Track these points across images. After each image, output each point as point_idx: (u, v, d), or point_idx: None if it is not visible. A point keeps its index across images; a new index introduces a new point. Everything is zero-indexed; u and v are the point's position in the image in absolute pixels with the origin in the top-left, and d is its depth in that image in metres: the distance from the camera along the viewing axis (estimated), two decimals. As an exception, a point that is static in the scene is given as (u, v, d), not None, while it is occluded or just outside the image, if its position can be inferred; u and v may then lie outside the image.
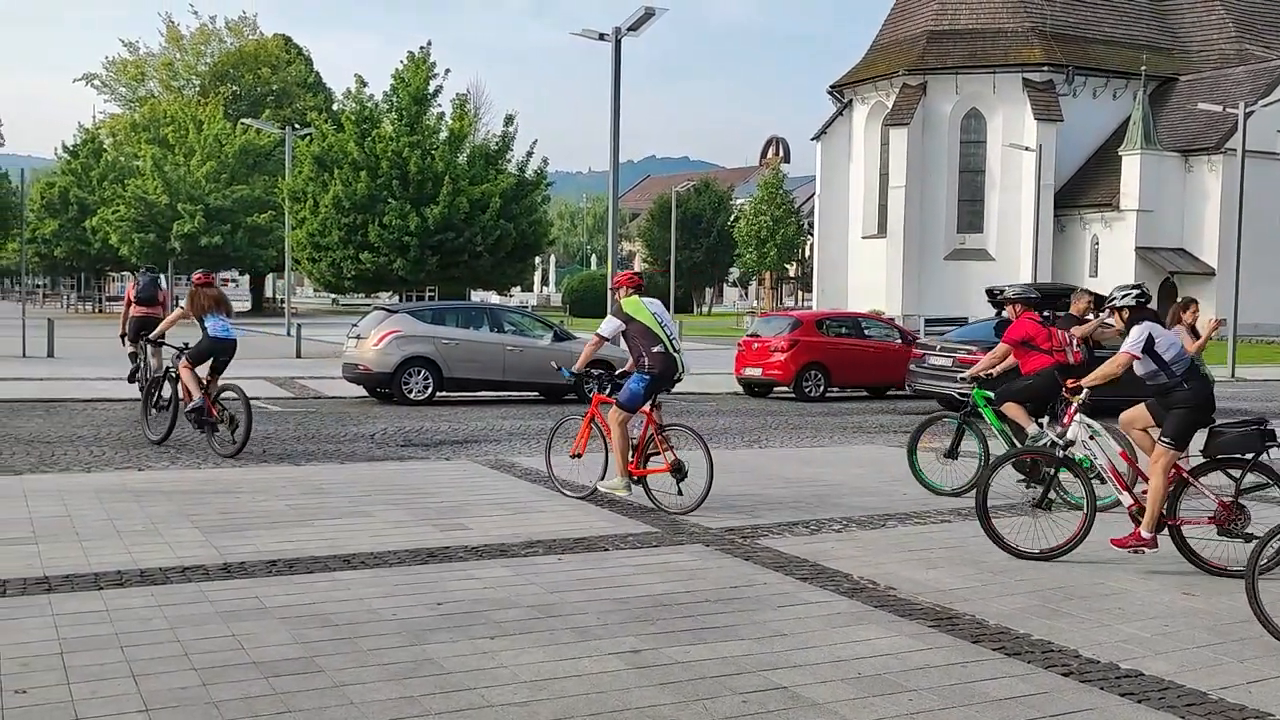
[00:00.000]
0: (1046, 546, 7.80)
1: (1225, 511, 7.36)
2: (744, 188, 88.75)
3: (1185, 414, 7.49)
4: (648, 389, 9.55)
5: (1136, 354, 7.48)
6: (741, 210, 77.72)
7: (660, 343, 9.56)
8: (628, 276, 10.04)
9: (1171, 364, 7.49)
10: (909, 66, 55.42)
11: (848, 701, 4.92)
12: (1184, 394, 7.48)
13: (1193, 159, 51.74)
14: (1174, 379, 7.49)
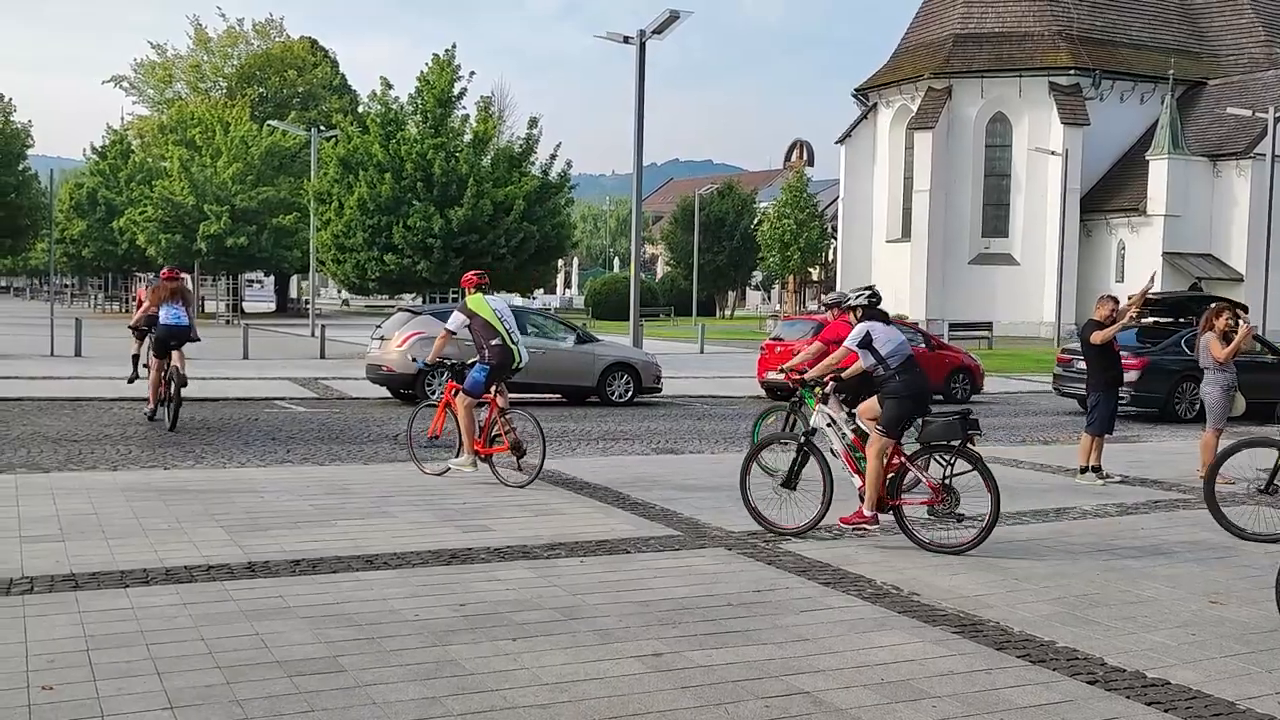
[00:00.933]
0: (795, 524, 8.48)
1: (936, 494, 8.05)
2: (767, 191, 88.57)
3: (897, 404, 8.19)
4: (488, 377, 10.65)
5: (854, 349, 8.33)
6: (765, 213, 77.56)
7: (499, 336, 10.68)
8: (472, 277, 11.30)
9: (888, 358, 8.22)
10: (934, 70, 55.20)
11: (870, 707, 4.90)
12: (896, 385, 8.20)
13: (1221, 163, 51.30)
14: (889, 372, 8.22)
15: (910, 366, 8.26)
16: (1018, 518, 9.46)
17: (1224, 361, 11.70)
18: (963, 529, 8.01)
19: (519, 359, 10.80)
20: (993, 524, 7.91)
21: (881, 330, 8.34)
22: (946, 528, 8.07)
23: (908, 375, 8.22)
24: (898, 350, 8.27)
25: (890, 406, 8.20)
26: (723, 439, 15.47)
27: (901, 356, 8.27)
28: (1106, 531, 8.97)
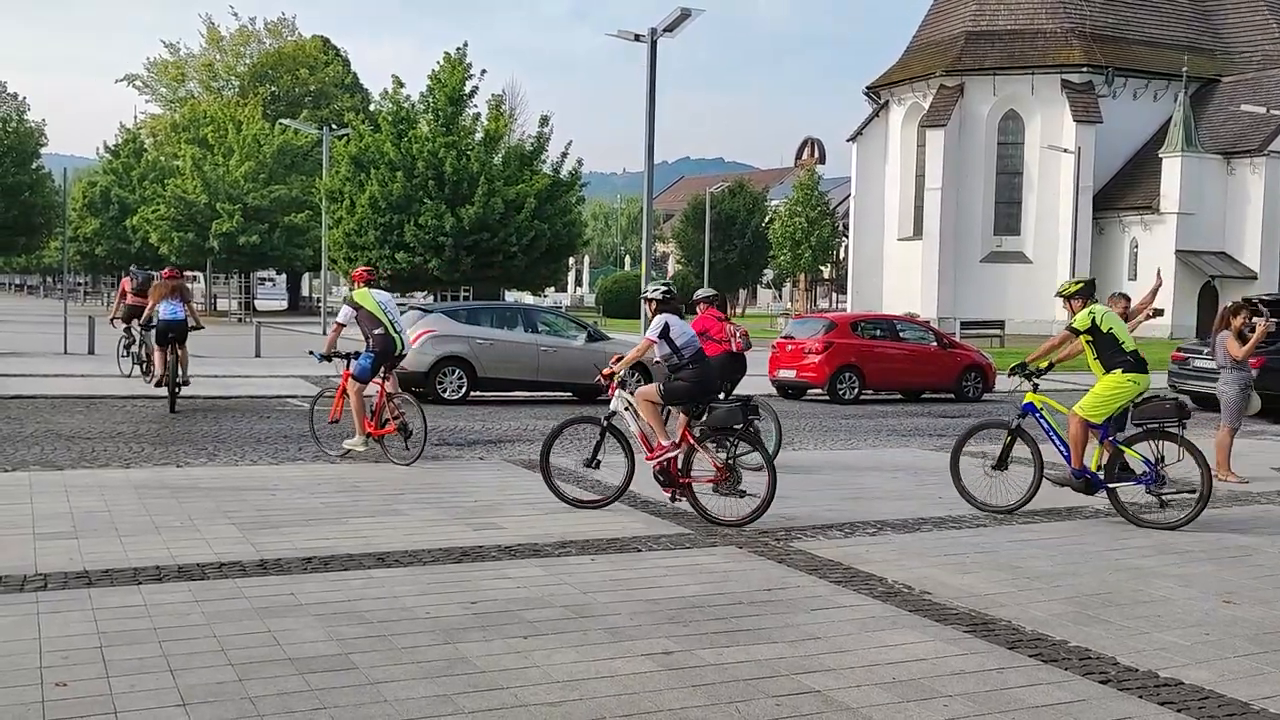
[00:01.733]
0: (594, 497, 9.60)
1: (719, 474, 8.88)
2: (779, 189, 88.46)
3: (684, 388, 9.22)
4: (374, 364, 11.65)
5: (654, 339, 9.30)
6: (776, 212, 77.47)
7: (382, 326, 11.72)
8: (361, 273, 12.62)
9: (682, 348, 9.24)
10: (946, 67, 55.06)
11: (881, 706, 4.89)
12: (688, 373, 9.21)
13: (1235, 161, 51.07)
14: (684, 361, 9.21)
15: (700, 359, 9.36)
16: (1029, 516, 9.43)
17: (1241, 359, 11.65)
18: (743, 504, 8.75)
19: (400, 347, 11.89)
20: (769, 501, 8.67)
21: (677, 323, 9.38)
22: (730, 499, 8.85)
23: (698, 366, 9.28)
24: (690, 343, 9.36)
25: (678, 388, 9.28)
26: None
27: (693, 348, 9.36)
28: (1118, 531, 8.93)
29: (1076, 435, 9.35)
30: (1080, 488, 9.38)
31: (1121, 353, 9.30)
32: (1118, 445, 9.29)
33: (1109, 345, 9.35)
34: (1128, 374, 9.24)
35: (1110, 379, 9.27)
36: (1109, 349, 9.34)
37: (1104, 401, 9.27)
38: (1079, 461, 9.35)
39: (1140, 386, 9.29)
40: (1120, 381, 9.24)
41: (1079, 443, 9.34)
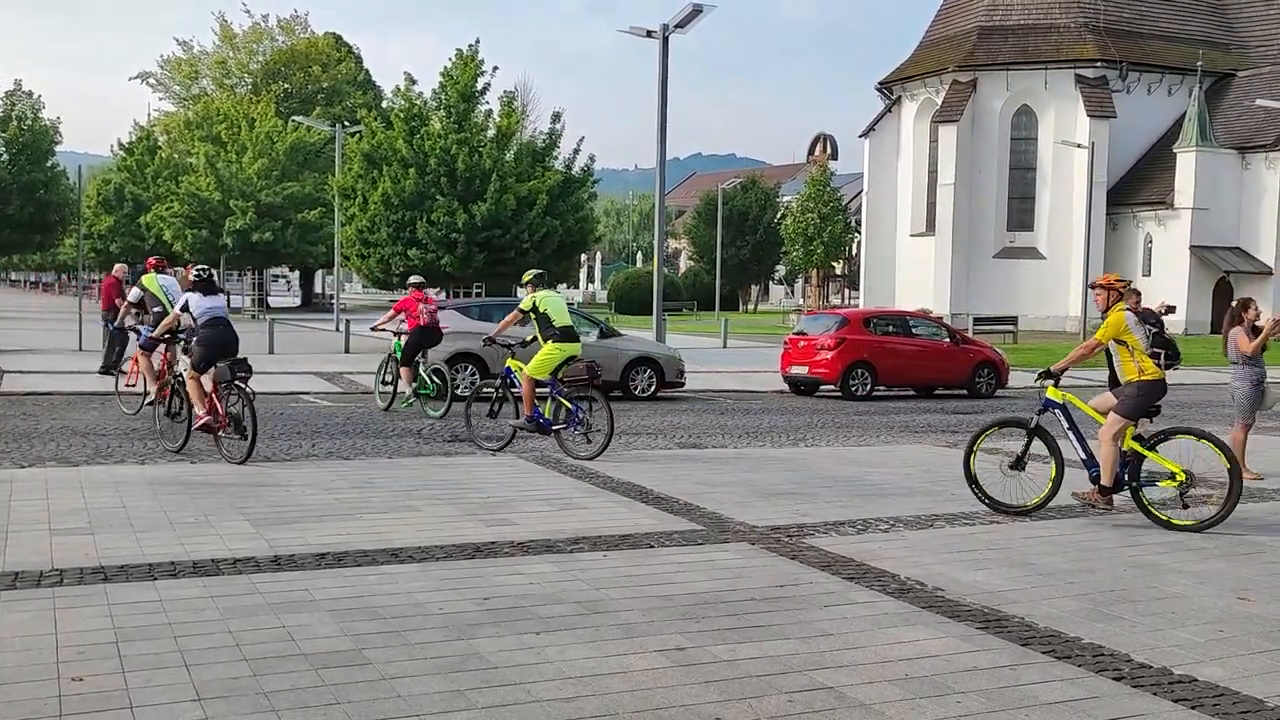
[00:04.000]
0: None
1: (215, 417, 11.57)
2: (791, 185, 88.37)
3: (202, 349, 11.62)
4: (155, 336, 13.48)
5: (177, 310, 12.34)
6: (788, 208, 77.40)
7: (161, 305, 14.36)
8: (151, 261, 15.54)
9: (198, 318, 11.71)
10: (959, 63, 54.90)
11: (895, 703, 4.89)
12: (202, 335, 11.67)
13: (1250, 156, 50.82)
14: (199, 326, 11.65)
15: (215, 324, 11.65)
16: (1042, 513, 9.41)
17: (1252, 355, 11.61)
18: None
19: (180, 325, 13.43)
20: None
21: (196, 299, 11.75)
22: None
23: (211, 330, 11.62)
24: (208, 311, 11.70)
25: (197, 351, 11.65)
26: (746, 434, 15.46)
27: (209, 316, 11.67)
28: (1132, 528, 8.91)
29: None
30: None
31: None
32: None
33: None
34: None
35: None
36: None
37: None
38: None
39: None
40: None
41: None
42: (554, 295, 13.13)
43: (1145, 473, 9.09)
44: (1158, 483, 9.02)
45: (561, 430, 12.35)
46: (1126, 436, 9.07)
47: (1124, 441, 9.05)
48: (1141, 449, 9.06)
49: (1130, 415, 9.04)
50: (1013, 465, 9.45)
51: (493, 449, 12.52)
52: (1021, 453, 9.47)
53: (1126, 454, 9.05)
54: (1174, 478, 8.85)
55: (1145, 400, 9.03)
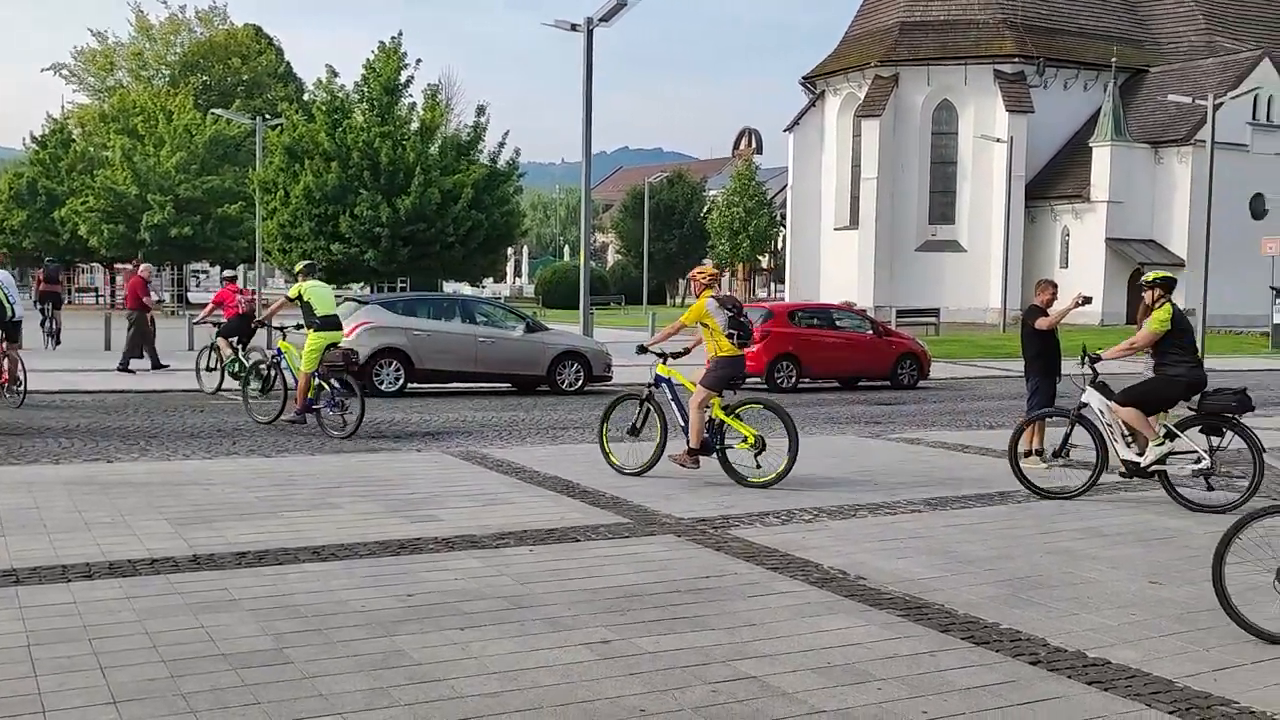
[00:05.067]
0: None
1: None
2: (717, 179, 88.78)
3: None
4: None
5: None
6: (714, 202, 77.80)
7: None
8: None
9: None
10: (881, 58, 55.56)
11: (816, 691, 4.94)
12: None
13: (1163, 150, 52.12)
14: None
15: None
16: (963, 501, 9.58)
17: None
18: None
19: (10, 314, 14.93)
20: None
21: None
22: None
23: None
24: None
25: None
26: (672, 426, 15.48)
27: None
28: (1049, 514, 9.10)
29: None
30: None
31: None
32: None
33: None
34: None
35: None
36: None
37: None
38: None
39: None
40: None
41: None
42: (320, 285, 14.33)
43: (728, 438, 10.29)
44: (735, 445, 10.21)
45: (321, 410, 13.48)
46: (715, 406, 10.21)
47: (712, 411, 10.21)
48: (725, 416, 10.20)
49: (713, 387, 10.24)
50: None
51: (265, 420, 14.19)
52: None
53: (714, 421, 10.22)
54: (746, 440, 10.08)
55: (725, 373, 10.29)
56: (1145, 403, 9.70)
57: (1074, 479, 10.04)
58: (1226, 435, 9.28)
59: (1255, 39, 57.33)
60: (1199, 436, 9.38)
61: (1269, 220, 50.56)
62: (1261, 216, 51.59)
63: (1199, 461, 9.34)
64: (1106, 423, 9.75)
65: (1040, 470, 10.82)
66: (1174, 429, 9.54)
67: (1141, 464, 9.51)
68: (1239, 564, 6.01)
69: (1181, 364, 9.62)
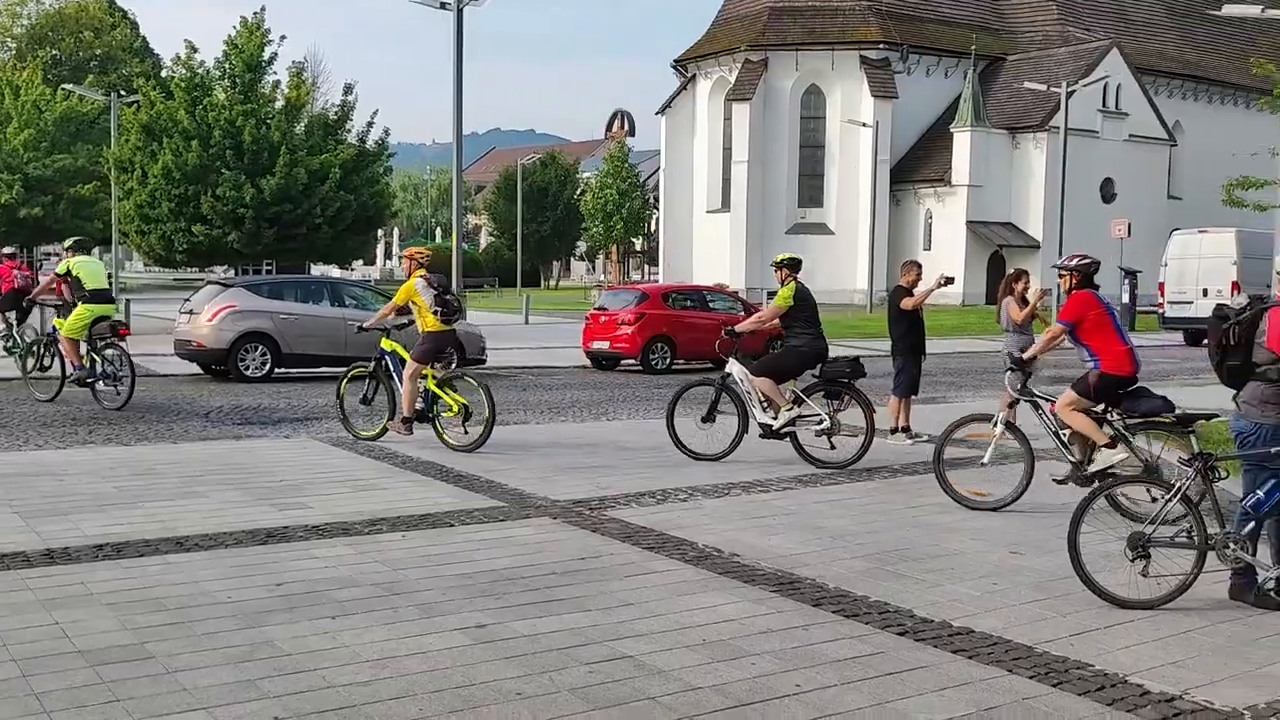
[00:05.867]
0: None
1: None
2: (590, 161, 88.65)
3: None
4: None
5: None
6: (588, 184, 77.69)
7: None
8: None
9: None
10: (750, 42, 56.14)
11: (692, 668, 4.98)
12: None
13: (1019, 136, 53.89)
14: None
15: None
16: (833, 478, 9.76)
17: (1022, 323, 12.30)
18: None
19: None
20: None
21: None
22: None
23: None
24: None
25: None
26: (548, 409, 15.46)
27: None
28: (915, 489, 9.33)
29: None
30: None
31: None
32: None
33: None
34: None
35: None
36: None
37: None
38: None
39: None
40: None
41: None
42: (90, 260, 14.55)
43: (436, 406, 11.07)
44: (444, 413, 11.05)
45: (93, 382, 13.87)
46: (429, 378, 11.01)
47: (425, 383, 11.05)
48: (435, 388, 11.02)
49: (423, 360, 11.02)
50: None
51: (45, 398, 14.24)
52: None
53: (427, 392, 11.04)
54: (452, 409, 10.91)
55: (433, 347, 11.08)
56: (775, 372, 10.64)
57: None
58: (844, 398, 10.40)
59: (1105, 29, 59.66)
60: (822, 400, 10.41)
61: (1117, 204, 52.77)
62: (1111, 200, 53.81)
63: (821, 423, 10.27)
64: (746, 390, 10.59)
65: (906, 446, 11.10)
66: (801, 394, 10.47)
67: (774, 427, 10.38)
68: (1093, 532, 6.26)
69: (804, 336, 10.62)
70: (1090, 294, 8.43)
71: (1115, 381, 8.15)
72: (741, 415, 10.70)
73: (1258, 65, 16.61)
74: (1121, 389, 8.19)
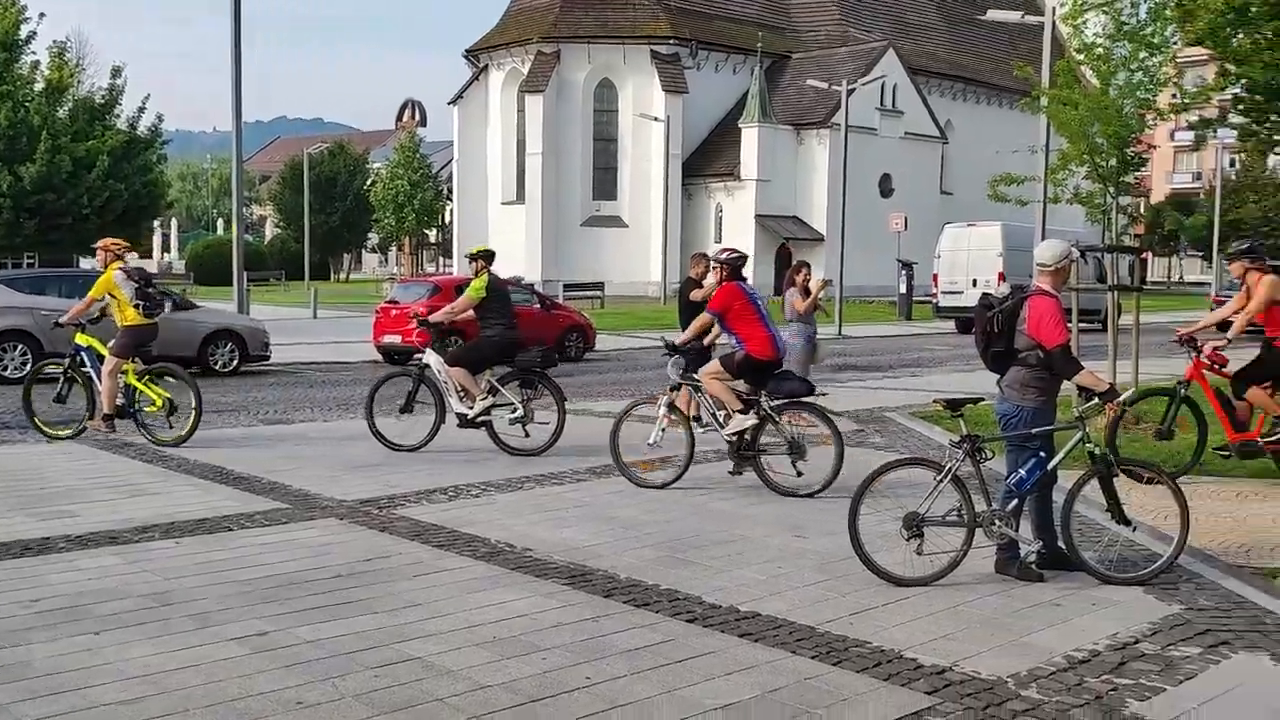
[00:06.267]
0: None
1: None
2: (380, 151, 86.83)
3: None
4: None
5: None
6: (378, 174, 76.07)
7: None
8: None
9: None
10: (543, 34, 56.04)
11: (481, 666, 4.91)
12: None
13: (804, 132, 55.68)
14: None
15: None
16: (610, 469, 9.80)
17: (805, 314, 12.70)
18: None
19: None
20: None
21: None
22: None
23: None
24: None
25: None
26: (336, 406, 15.04)
27: None
28: (704, 477, 9.49)
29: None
30: None
31: None
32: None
33: None
34: None
35: None
36: None
37: None
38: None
39: None
40: None
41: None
42: None
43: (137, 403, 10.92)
44: (146, 408, 10.93)
45: None
46: (129, 373, 10.82)
47: (127, 377, 10.83)
48: (136, 382, 10.84)
49: (122, 354, 10.80)
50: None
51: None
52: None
53: (128, 388, 10.85)
54: (155, 404, 10.81)
55: (132, 341, 10.83)
56: (469, 362, 10.77)
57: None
58: (539, 387, 10.65)
59: (882, 31, 62.26)
60: (516, 390, 10.61)
61: (895, 198, 55.22)
62: (889, 195, 56.26)
63: (515, 411, 10.49)
64: (443, 380, 10.72)
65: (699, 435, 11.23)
66: (496, 384, 10.61)
67: (469, 416, 10.50)
68: (871, 514, 6.49)
69: (497, 326, 10.72)
70: (737, 286, 9.22)
71: (758, 364, 9.02)
72: (439, 405, 10.79)
73: (1018, 68, 17.62)
74: (764, 371, 9.04)
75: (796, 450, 8.86)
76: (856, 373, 19.96)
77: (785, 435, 8.94)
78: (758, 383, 9.07)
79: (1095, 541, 6.91)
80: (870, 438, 11.73)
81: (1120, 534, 6.69)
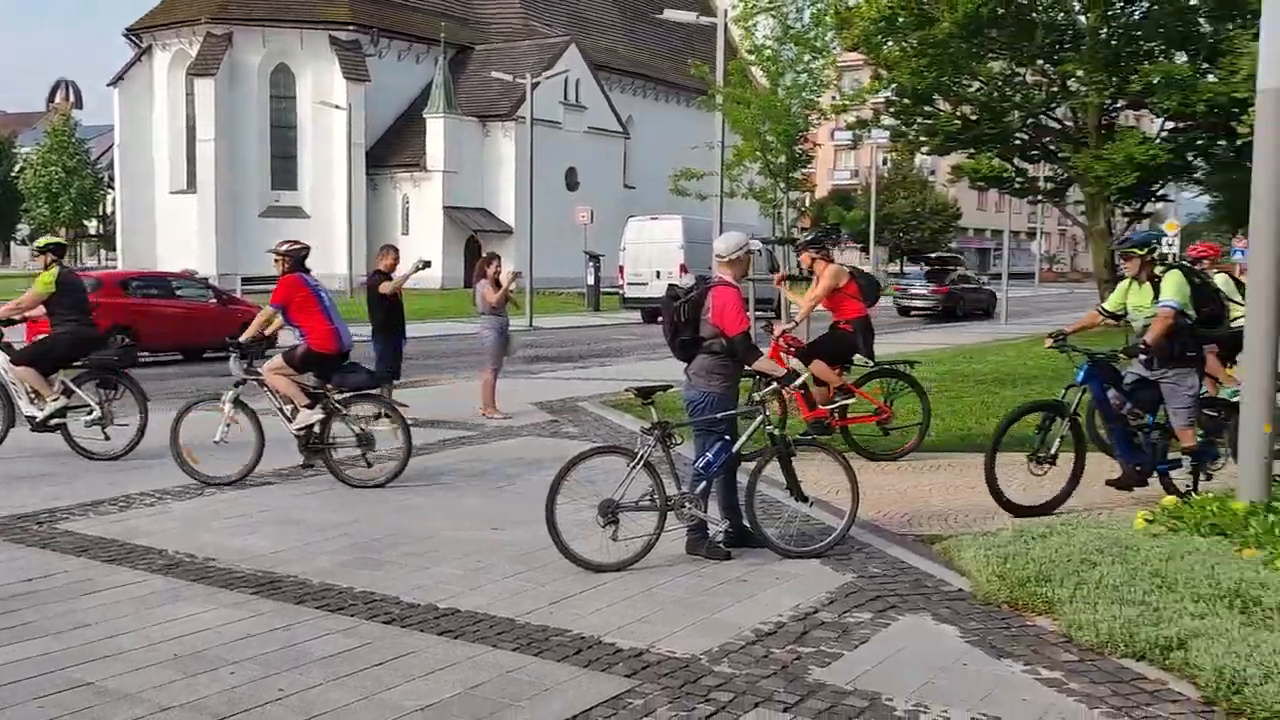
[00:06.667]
0: None
1: None
2: (30, 135, 79.72)
3: None
4: None
5: None
6: (28, 160, 69.84)
7: None
8: None
9: None
10: (212, 15, 53.18)
11: (164, 686, 4.61)
12: None
13: (490, 124, 55.62)
14: None
15: None
16: (316, 469, 9.47)
17: (496, 306, 12.70)
18: None
19: None
20: None
21: None
22: None
23: None
24: None
25: None
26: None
27: None
28: (406, 476, 9.29)
29: None
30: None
31: None
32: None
33: None
34: None
35: None
36: None
37: None
38: None
39: None
40: None
41: None
42: None
43: None
44: None
45: None
46: None
47: None
48: None
49: None
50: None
51: None
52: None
53: None
54: None
55: None
56: (39, 361, 10.04)
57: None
58: (119, 387, 10.19)
59: (564, 26, 63.14)
60: (94, 390, 10.12)
61: (581, 191, 56.20)
62: (575, 188, 57.18)
63: (91, 413, 10.03)
64: (11, 381, 10.13)
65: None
66: (71, 384, 10.04)
67: (39, 419, 9.93)
68: (568, 503, 6.57)
69: (70, 322, 10.12)
70: (298, 277, 9.29)
71: (320, 357, 9.11)
72: (7, 408, 10.07)
73: (694, 66, 18.35)
74: (329, 364, 9.13)
75: (366, 442, 8.88)
76: (549, 364, 20.18)
77: (353, 428, 8.92)
78: (324, 376, 9.06)
79: (776, 518, 7.31)
80: (564, 427, 11.88)
81: (799, 510, 7.10)
